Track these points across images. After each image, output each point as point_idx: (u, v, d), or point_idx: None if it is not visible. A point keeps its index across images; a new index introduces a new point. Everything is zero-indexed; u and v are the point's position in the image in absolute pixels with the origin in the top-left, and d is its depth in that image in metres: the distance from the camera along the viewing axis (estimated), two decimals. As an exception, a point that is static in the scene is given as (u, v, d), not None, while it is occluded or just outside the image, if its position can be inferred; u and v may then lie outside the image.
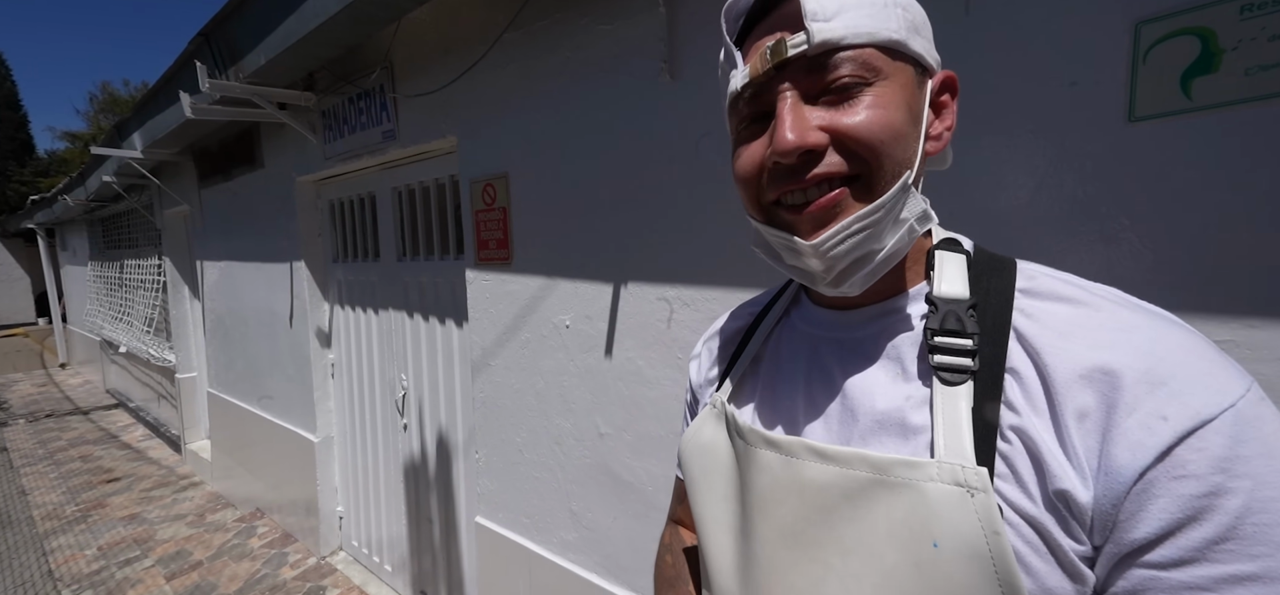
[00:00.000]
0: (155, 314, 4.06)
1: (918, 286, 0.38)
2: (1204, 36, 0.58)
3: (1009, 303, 0.34)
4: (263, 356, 2.69)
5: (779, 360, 0.43)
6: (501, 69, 1.35)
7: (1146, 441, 0.27)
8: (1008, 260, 0.37)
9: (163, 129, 2.54)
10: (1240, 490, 0.25)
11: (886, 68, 0.33)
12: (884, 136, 0.32)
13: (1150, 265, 0.63)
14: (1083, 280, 0.35)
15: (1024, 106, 0.70)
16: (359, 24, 1.42)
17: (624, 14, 1.10)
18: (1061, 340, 0.31)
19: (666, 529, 0.57)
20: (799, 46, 0.32)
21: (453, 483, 1.85)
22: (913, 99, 0.34)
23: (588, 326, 1.24)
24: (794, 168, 0.33)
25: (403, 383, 2.01)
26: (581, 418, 1.29)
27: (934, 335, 0.34)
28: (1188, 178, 0.60)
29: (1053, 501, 0.29)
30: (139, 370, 4.80)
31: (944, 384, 0.32)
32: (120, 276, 4.93)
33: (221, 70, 1.83)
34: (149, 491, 3.42)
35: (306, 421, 2.43)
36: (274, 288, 2.48)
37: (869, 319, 0.38)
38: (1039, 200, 0.70)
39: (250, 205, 2.59)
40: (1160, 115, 0.61)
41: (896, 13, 0.33)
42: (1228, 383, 0.28)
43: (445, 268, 1.78)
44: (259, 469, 2.87)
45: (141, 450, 4.21)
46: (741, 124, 0.36)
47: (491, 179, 1.41)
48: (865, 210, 0.33)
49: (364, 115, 1.78)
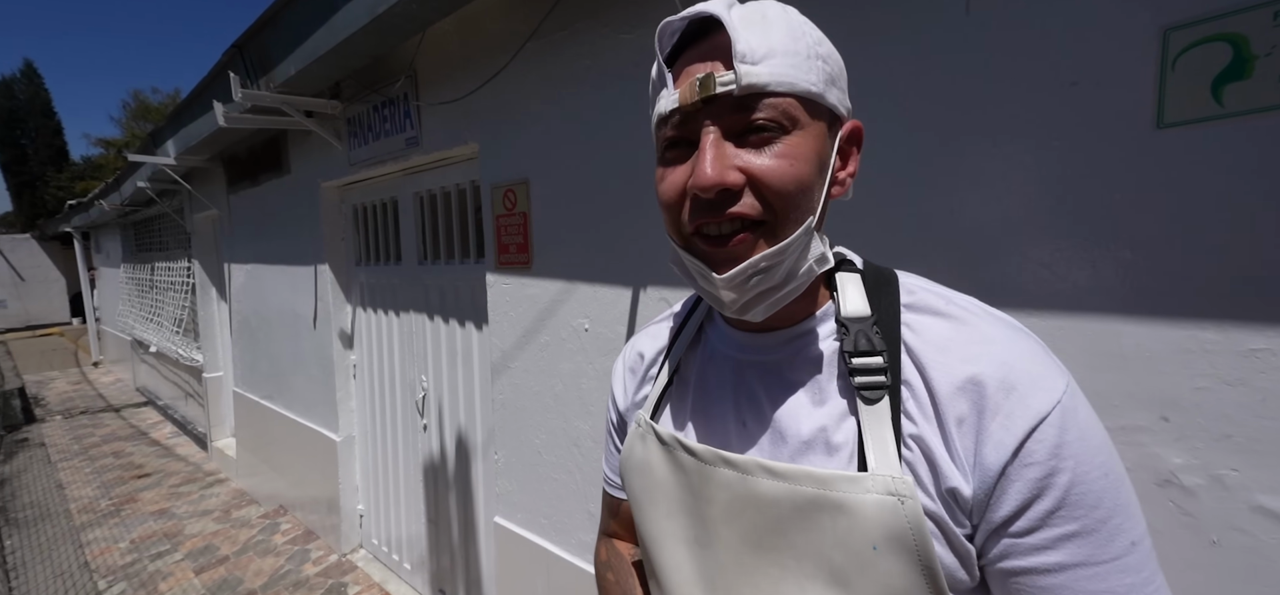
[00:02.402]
0: (184, 315, 4.19)
1: (824, 308, 0.42)
2: (1236, 42, 0.58)
3: (897, 318, 0.39)
4: (287, 357, 2.77)
5: (707, 384, 0.46)
6: (523, 78, 1.38)
7: (1005, 441, 0.33)
8: (890, 273, 0.42)
9: (196, 136, 2.63)
10: (1066, 468, 0.33)
11: (802, 119, 0.36)
12: (791, 188, 0.35)
13: (1177, 272, 0.63)
14: (950, 291, 0.40)
15: (1038, 110, 0.70)
16: (385, 35, 1.46)
17: (644, 22, 1.12)
18: (940, 354, 0.37)
19: (600, 544, 0.60)
20: (727, 86, 0.34)
21: (472, 483, 1.88)
22: (822, 149, 0.37)
23: (606, 330, 1.26)
24: (712, 202, 0.36)
25: (423, 384, 2.05)
26: (599, 420, 1.30)
27: (851, 357, 0.38)
28: (1218, 184, 0.60)
29: (945, 497, 0.35)
30: (168, 369, 4.96)
31: (866, 403, 0.37)
32: (151, 278, 5.12)
33: (253, 80, 1.90)
34: (177, 487, 3.54)
35: (329, 421, 2.49)
36: (298, 290, 2.55)
37: (784, 342, 0.42)
38: (1063, 207, 0.70)
39: (277, 210, 2.67)
40: (1190, 122, 0.61)
41: (817, 66, 0.36)
42: (1054, 382, 0.34)
43: (466, 271, 1.81)
44: (282, 467, 2.95)
45: (170, 447, 4.35)
46: (666, 146, 0.39)
47: (512, 184, 1.44)
48: (770, 251, 0.36)
49: (388, 123, 1.83)
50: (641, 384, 0.53)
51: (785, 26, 0.36)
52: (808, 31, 0.37)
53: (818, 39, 0.38)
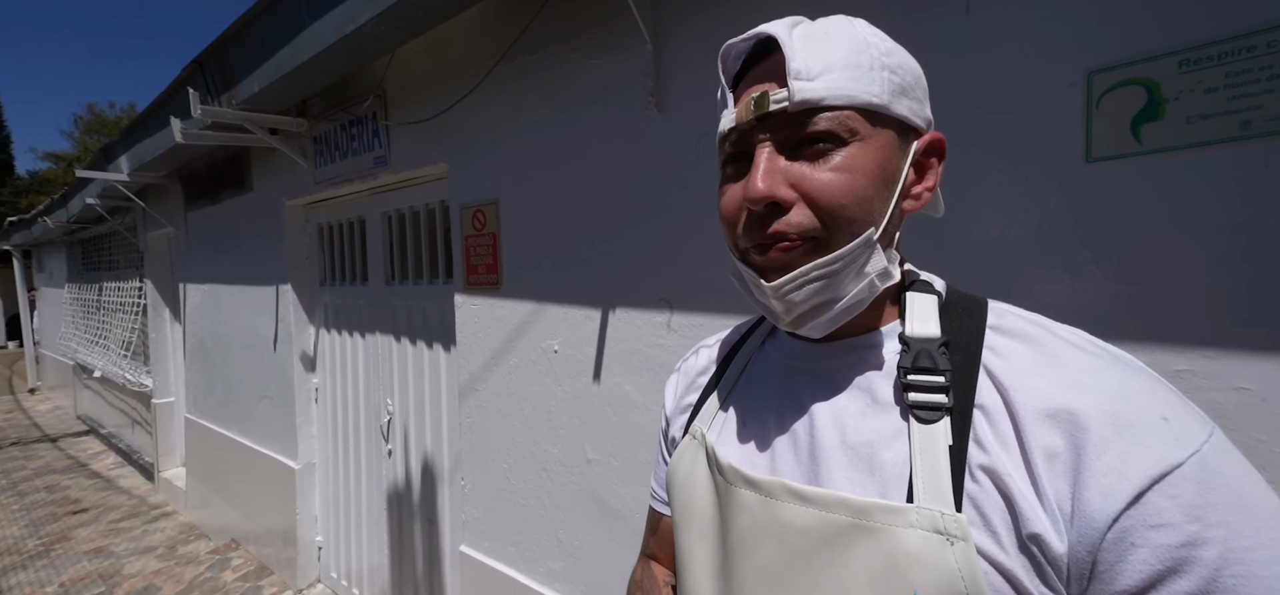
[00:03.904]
0: (134, 337, 3.98)
1: (890, 325, 0.39)
2: (1149, 86, 0.63)
3: (979, 340, 0.35)
4: (244, 381, 2.65)
5: (750, 387, 0.44)
6: (493, 99, 1.38)
7: (1118, 486, 0.27)
8: (980, 299, 0.38)
9: (151, 153, 2.54)
10: (1215, 540, 0.26)
11: (863, 130, 0.34)
12: (845, 200, 0.34)
13: (1111, 298, 0.67)
14: (1051, 321, 0.35)
15: (990, 140, 0.74)
16: (353, 55, 1.45)
17: (613, 49, 1.15)
18: (1029, 378, 0.32)
19: (638, 564, 0.56)
20: (780, 103, 0.34)
21: (437, 510, 1.83)
22: (888, 160, 0.35)
23: (576, 351, 1.26)
24: (763, 216, 0.35)
25: (388, 408, 1.99)
26: (569, 443, 1.29)
27: (907, 372, 0.34)
28: (1141, 216, 0.65)
29: (1026, 545, 0.28)
30: (114, 395, 4.69)
31: (920, 422, 0.33)
32: (99, 299, 4.85)
33: (214, 96, 1.85)
34: (118, 523, 3.31)
35: (288, 448, 2.39)
36: (259, 311, 2.47)
37: (841, 352, 0.40)
38: (1007, 235, 0.74)
39: (237, 228, 2.59)
40: (1114, 157, 0.66)
41: (882, 77, 0.35)
42: (1192, 428, 0.28)
43: (434, 292, 1.78)
44: (236, 497, 2.80)
45: (112, 479, 4.08)
46: (726, 162, 0.39)
47: (482, 205, 1.43)
48: (821, 260, 0.35)
49: (356, 141, 1.81)
50: (689, 389, 0.50)
51: (848, 41, 0.35)
52: (875, 43, 0.36)
53: (887, 50, 0.36)
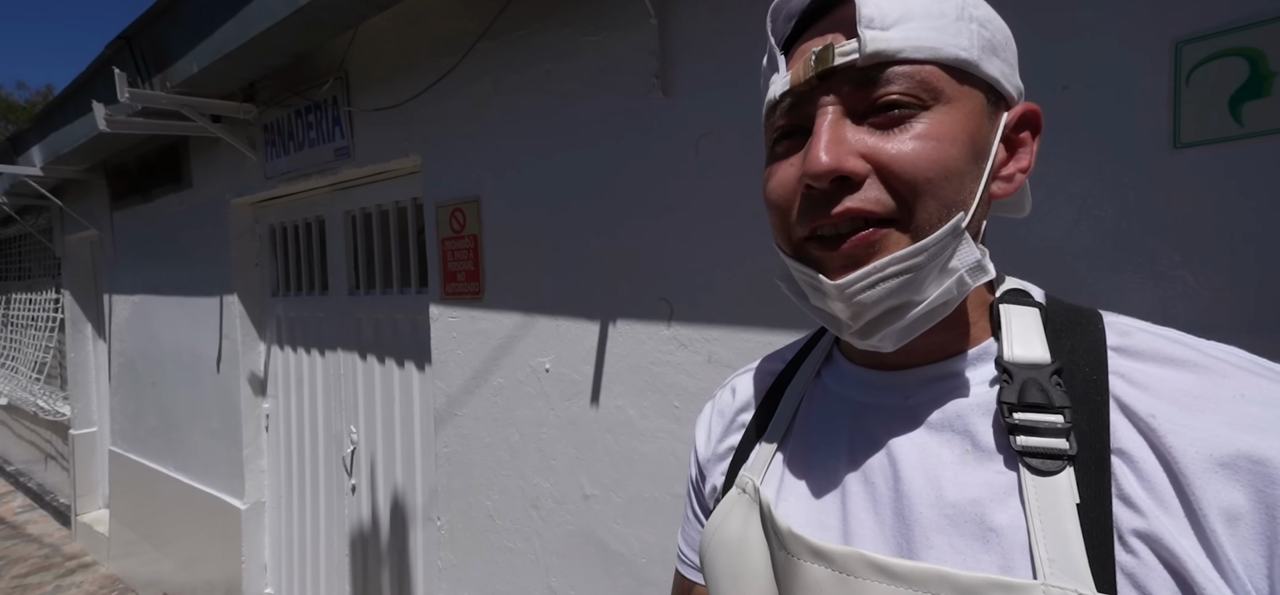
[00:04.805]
0: (48, 358, 3.77)
1: (982, 346, 0.34)
2: (1252, 58, 0.58)
3: (1102, 366, 0.30)
4: (182, 408, 2.52)
5: (810, 430, 0.39)
6: (473, 83, 1.32)
7: None
8: (1091, 312, 0.34)
9: (70, 143, 2.41)
10: None
11: (949, 91, 0.30)
12: (931, 172, 0.29)
13: (1206, 307, 0.62)
14: (1188, 336, 0.31)
15: (1056, 122, 0.68)
16: (310, 31, 1.37)
17: (611, 24, 1.09)
18: (1186, 415, 0.27)
19: None
20: (848, 56, 0.30)
21: (409, 555, 1.73)
22: (978, 131, 0.31)
23: (570, 370, 1.19)
24: (827, 195, 0.31)
25: (352, 436, 1.89)
26: (563, 477, 1.21)
27: (1012, 411, 0.29)
28: (1241, 211, 0.60)
29: None
30: (23, 426, 4.41)
31: (1034, 474, 0.28)
32: (6, 314, 4.50)
33: (145, 78, 1.75)
34: (24, 578, 3.04)
35: (233, 485, 2.26)
36: (199, 326, 2.35)
37: (923, 383, 0.34)
38: (1078, 232, 0.68)
39: (174, 230, 2.47)
40: (1207, 142, 0.61)
41: (970, 29, 0.31)
42: None
43: (405, 303, 1.71)
44: (170, 544, 2.63)
45: (19, 525, 3.80)
46: (775, 138, 0.34)
47: (461, 203, 1.37)
48: (906, 251, 0.30)
49: (313, 130, 1.73)
50: (728, 430, 0.45)
51: None
52: None
53: (973, 0, 0.32)
